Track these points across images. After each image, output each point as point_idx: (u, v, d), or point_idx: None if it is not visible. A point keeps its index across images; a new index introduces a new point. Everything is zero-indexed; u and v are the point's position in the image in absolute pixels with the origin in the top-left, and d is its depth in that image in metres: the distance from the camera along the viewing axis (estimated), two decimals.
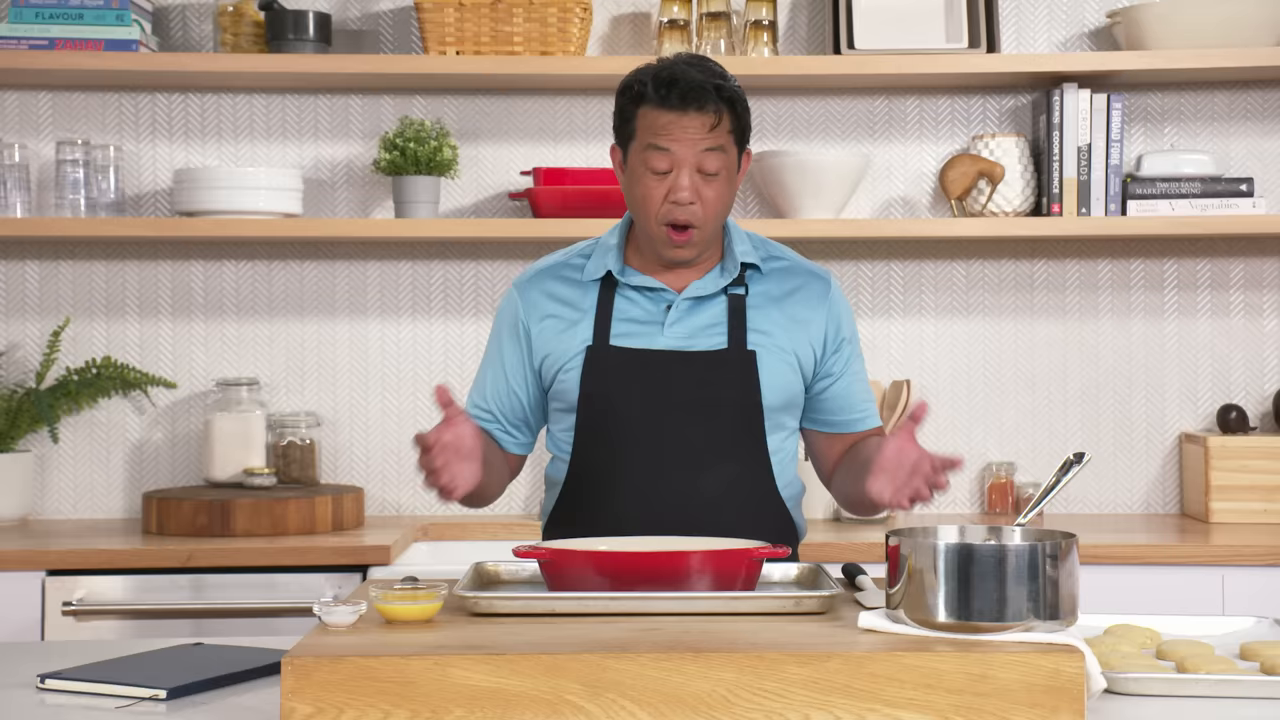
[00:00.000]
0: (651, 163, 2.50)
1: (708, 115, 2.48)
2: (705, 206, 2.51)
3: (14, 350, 3.93)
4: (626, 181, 2.58)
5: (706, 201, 2.51)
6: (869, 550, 3.36)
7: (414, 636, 1.99)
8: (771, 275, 2.63)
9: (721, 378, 2.54)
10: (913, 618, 1.98)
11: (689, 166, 2.49)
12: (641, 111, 2.51)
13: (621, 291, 2.60)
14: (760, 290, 2.61)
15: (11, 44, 3.72)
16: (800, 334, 2.60)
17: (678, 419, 2.53)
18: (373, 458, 3.98)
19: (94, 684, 2.08)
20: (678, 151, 2.49)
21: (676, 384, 2.54)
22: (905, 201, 4.00)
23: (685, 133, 2.48)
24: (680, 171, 2.49)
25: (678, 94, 2.47)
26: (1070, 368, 4.00)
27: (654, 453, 2.53)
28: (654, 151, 2.50)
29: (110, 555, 3.40)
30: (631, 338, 2.57)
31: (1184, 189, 3.80)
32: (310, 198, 3.93)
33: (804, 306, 2.61)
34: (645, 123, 2.51)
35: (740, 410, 2.55)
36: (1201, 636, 2.30)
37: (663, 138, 2.49)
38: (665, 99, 2.48)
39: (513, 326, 2.65)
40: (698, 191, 2.50)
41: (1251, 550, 3.43)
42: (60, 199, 3.80)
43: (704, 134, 2.48)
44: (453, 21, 3.75)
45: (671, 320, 2.57)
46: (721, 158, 2.51)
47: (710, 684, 1.86)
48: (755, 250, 2.63)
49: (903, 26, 3.84)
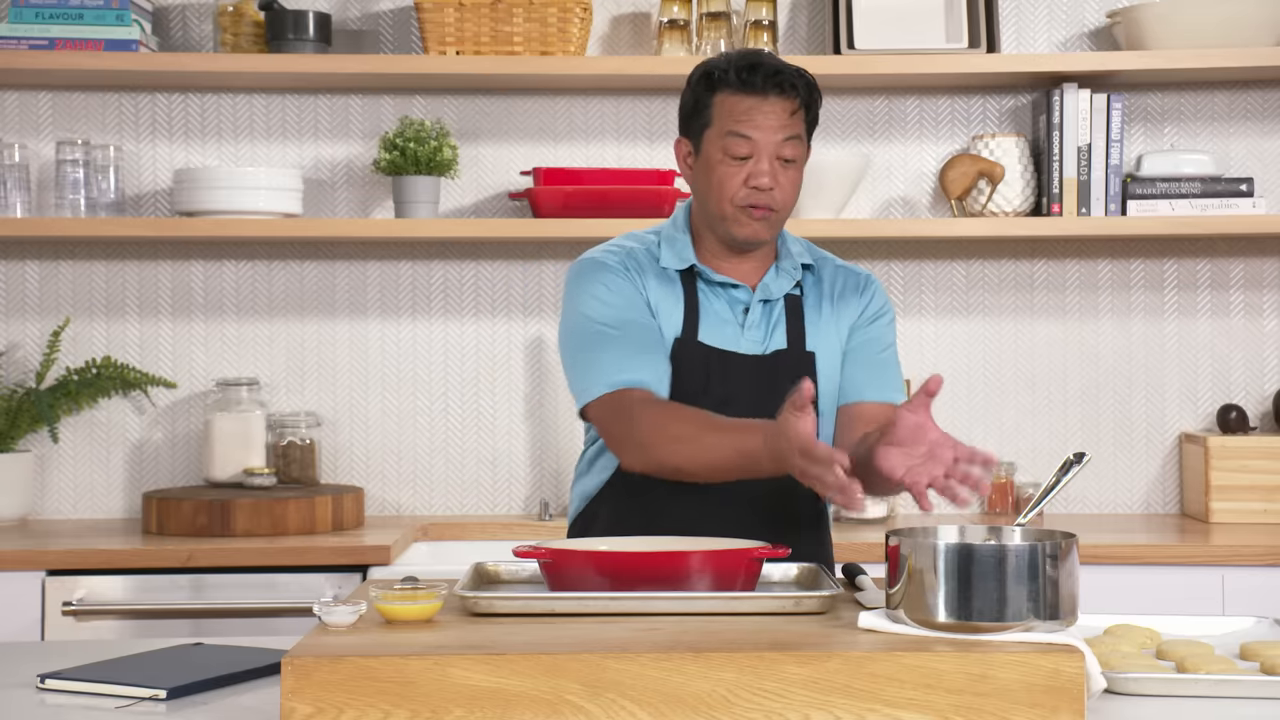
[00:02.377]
0: (732, 149, 2.49)
1: (789, 100, 2.49)
2: (782, 193, 2.51)
3: (14, 350, 3.93)
4: (698, 170, 2.56)
5: (783, 188, 2.51)
6: (869, 550, 3.36)
7: (414, 636, 1.98)
8: (823, 277, 2.64)
9: (784, 378, 2.51)
10: (913, 618, 1.98)
11: (769, 153, 2.49)
12: (720, 98, 2.51)
13: (701, 287, 2.59)
14: (813, 291, 2.63)
15: (11, 44, 3.72)
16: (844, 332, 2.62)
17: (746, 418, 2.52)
18: (373, 458, 3.98)
19: (94, 684, 2.08)
20: (759, 138, 2.48)
21: (750, 385, 2.53)
22: (905, 201, 4.00)
23: (767, 119, 2.48)
24: (761, 158, 2.49)
25: (761, 77, 2.48)
26: (1070, 368, 4.00)
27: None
28: (735, 138, 2.49)
29: (110, 555, 3.40)
30: (718, 335, 2.55)
31: (1184, 189, 3.80)
32: (310, 198, 3.93)
33: (848, 305, 2.63)
34: (725, 109, 2.50)
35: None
36: (1201, 636, 2.30)
37: (744, 124, 2.48)
38: (748, 83, 2.48)
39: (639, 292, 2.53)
40: (776, 178, 2.50)
41: (1251, 550, 3.43)
42: (60, 199, 3.80)
43: (785, 119, 2.49)
44: (453, 21, 3.75)
45: (751, 322, 2.57)
46: (799, 146, 2.52)
47: (710, 684, 1.86)
48: (808, 252, 2.66)
49: (903, 26, 3.84)
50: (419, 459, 3.98)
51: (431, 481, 3.97)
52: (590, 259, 2.60)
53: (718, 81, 2.51)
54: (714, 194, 2.53)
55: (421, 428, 3.98)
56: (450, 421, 3.96)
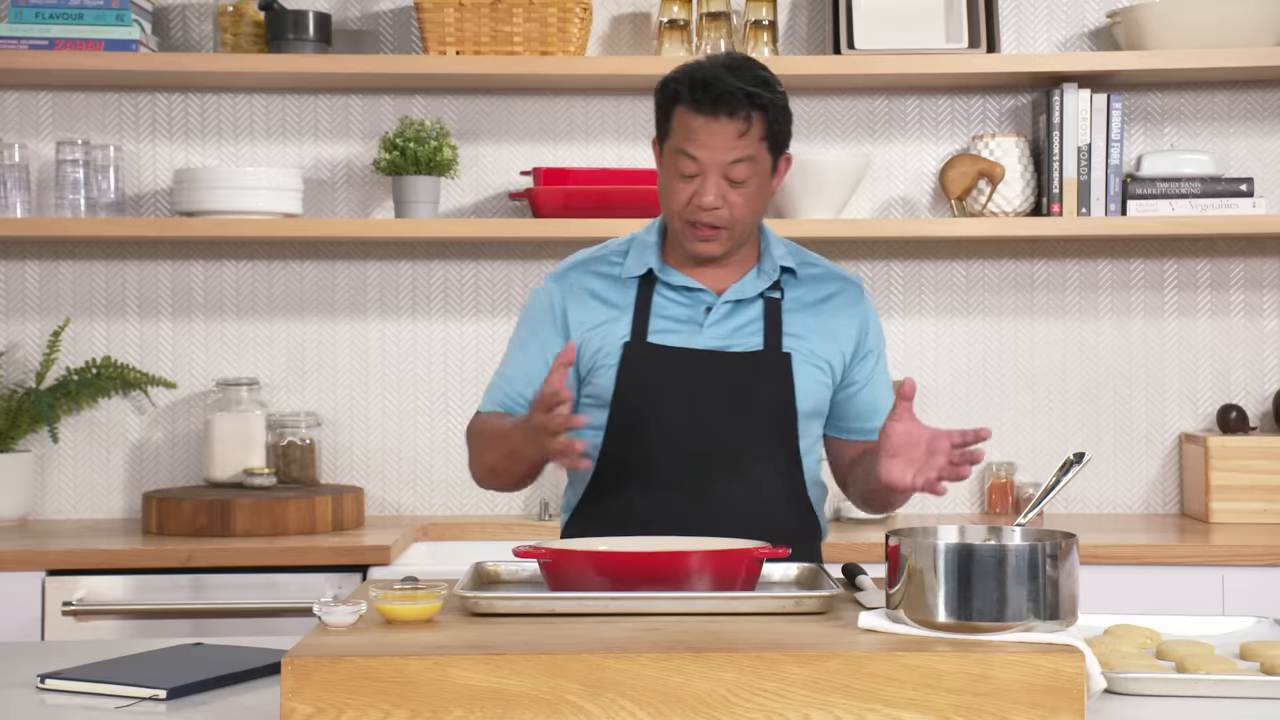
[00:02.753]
0: (680, 166, 2.51)
1: (738, 122, 2.47)
2: (733, 210, 2.52)
3: (14, 350, 3.93)
4: (660, 176, 2.59)
5: (734, 206, 2.51)
6: (869, 550, 3.36)
7: (414, 636, 1.98)
8: (806, 281, 2.64)
9: (757, 379, 2.54)
10: (913, 618, 1.98)
11: (715, 174, 2.49)
12: (677, 111, 2.52)
13: (660, 290, 2.60)
14: (795, 295, 2.62)
15: (11, 44, 3.72)
16: (831, 340, 2.61)
17: (713, 419, 2.54)
18: (373, 458, 3.98)
19: (94, 684, 2.08)
20: (705, 158, 2.49)
21: (713, 384, 2.54)
22: (905, 201, 4.00)
23: (714, 139, 2.48)
24: (707, 178, 2.49)
25: (710, 98, 2.47)
26: (1070, 368, 4.00)
27: (688, 452, 2.53)
28: (683, 157, 2.50)
29: (110, 555, 3.40)
30: (670, 336, 2.57)
31: (1184, 189, 3.80)
32: (310, 198, 3.93)
33: (836, 313, 2.63)
34: (679, 123, 2.51)
35: (774, 411, 2.55)
36: (1201, 636, 2.30)
37: (691, 144, 2.49)
38: (698, 103, 2.48)
39: (551, 315, 2.62)
40: (724, 197, 2.50)
41: (1251, 550, 3.43)
42: (60, 199, 3.80)
43: (733, 141, 2.48)
44: (453, 21, 3.75)
45: (711, 321, 2.57)
46: (750, 167, 2.50)
47: (710, 684, 1.86)
48: (791, 255, 2.65)
49: (903, 26, 3.84)
50: (419, 459, 3.98)
51: (431, 481, 3.97)
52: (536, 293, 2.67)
53: (674, 94, 2.52)
54: (666, 205, 2.57)
55: (421, 428, 3.98)
56: (450, 421, 3.96)
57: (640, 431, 2.55)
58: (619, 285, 2.61)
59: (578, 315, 2.60)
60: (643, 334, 2.57)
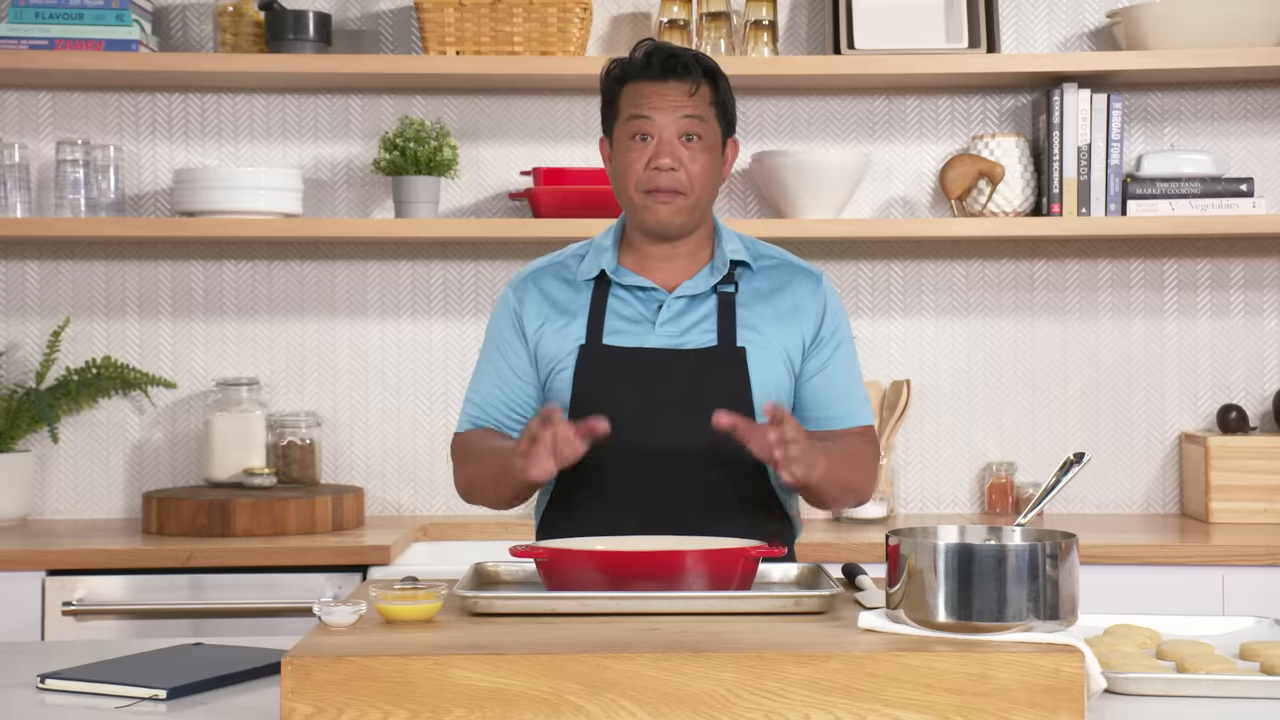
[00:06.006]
0: (634, 129, 2.55)
1: (687, 83, 2.54)
2: (689, 174, 2.54)
3: (14, 350, 3.93)
4: (613, 165, 2.62)
5: (690, 171, 2.54)
6: (869, 550, 3.36)
7: (414, 636, 1.99)
8: (761, 272, 2.64)
9: (712, 375, 2.55)
10: (913, 618, 1.98)
11: (671, 133, 2.54)
12: (625, 89, 2.58)
13: (615, 291, 2.61)
14: (750, 288, 2.62)
15: (11, 44, 3.72)
16: (789, 330, 2.61)
17: (669, 417, 2.54)
18: (373, 458, 3.98)
19: (94, 684, 2.08)
20: (658, 119, 2.54)
21: (668, 382, 2.54)
22: (905, 201, 4.00)
23: (665, 99, 2.54)
24: (661, 140, 2.54)
25: (658, 62, 2.55)
26: (1070, 368, 4.00)
27: (646, 451, 2.53)
28: (636, 120, 2.55)
29: (110, 555, 3.40)
30: (624, 336, 2.58)
31: (1184, 189, 3.80)
32: (310, 198, 3.93)
33: (793, 302, 2.62)
34: (628, 97, 2.57)
35: (730, 407, 2.53)
36: (1201, 636, 2.30)
37: (644, 106, 2.55)
38: (647, 68, 2.56)
39: (512, 325, 2.66)
40: (679, 159, 2.54)
41: (1251, 550, 3.43)
42: (60, 199, 3.80)
43: (684, 100, 2.54)
44: (453, 21, 3.75)
45: (663, 319, 2.58)
46: (703, 125, 2.55)
47: (710, 684, 1.86)
48: (745, 249, 2.65)
49: (903, 26, 3.84)
50: (419, 459, 3.98)
51: (431, 481, 3.97)
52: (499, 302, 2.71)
53: (621, 74, 2.59)
54: (621, 181, 2.58)
55: (421, 428, 3.98)
56: (450, 421, 3.96)
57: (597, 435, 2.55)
58: (575, 289, 2.64)
59: (534, 321, 2.63)
60: (598, 336, 2.59)
